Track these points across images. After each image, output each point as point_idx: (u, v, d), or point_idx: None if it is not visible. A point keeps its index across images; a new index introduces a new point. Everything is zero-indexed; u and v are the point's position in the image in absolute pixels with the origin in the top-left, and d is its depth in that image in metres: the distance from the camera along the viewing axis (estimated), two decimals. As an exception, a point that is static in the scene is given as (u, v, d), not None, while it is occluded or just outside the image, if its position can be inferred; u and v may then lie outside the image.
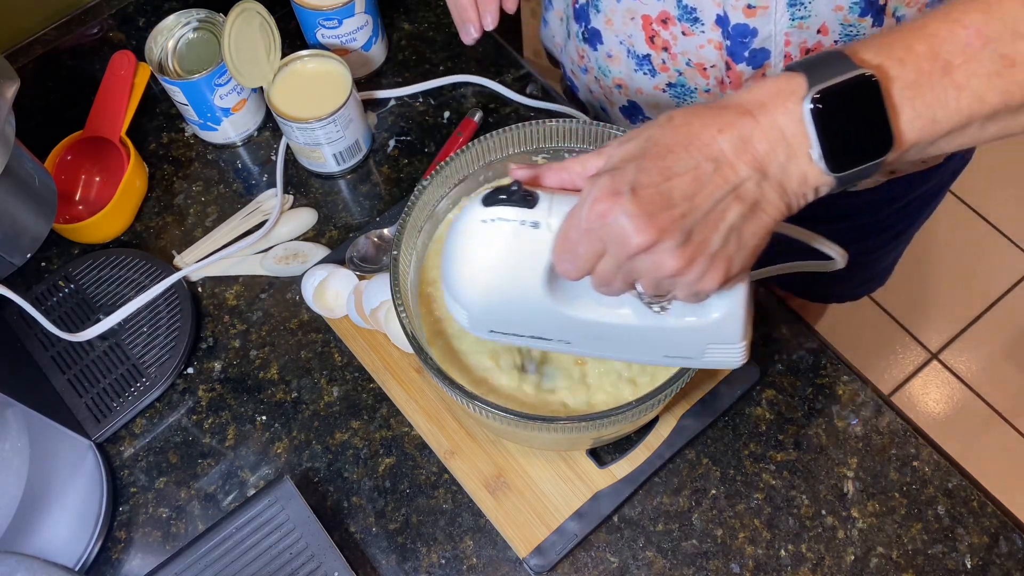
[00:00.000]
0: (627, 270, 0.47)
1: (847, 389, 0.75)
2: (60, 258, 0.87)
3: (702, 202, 0.44)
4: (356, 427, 0.76)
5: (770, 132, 0.44)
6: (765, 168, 0.45)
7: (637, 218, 0.44)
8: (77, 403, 0.77)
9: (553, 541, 0.69)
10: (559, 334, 0.55)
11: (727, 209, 0.45)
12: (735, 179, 0.44)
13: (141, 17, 0.93)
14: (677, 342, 0.54)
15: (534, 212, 0.49)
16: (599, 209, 0.45)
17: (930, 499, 0.71)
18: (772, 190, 0.45)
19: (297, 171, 0.90)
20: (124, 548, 0.73)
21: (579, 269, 0.48)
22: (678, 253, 0.44)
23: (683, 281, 0.46)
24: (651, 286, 0.47)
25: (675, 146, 0.45)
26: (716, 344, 0.54)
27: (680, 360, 0.56)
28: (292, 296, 0.83)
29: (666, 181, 0.44)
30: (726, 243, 0.45)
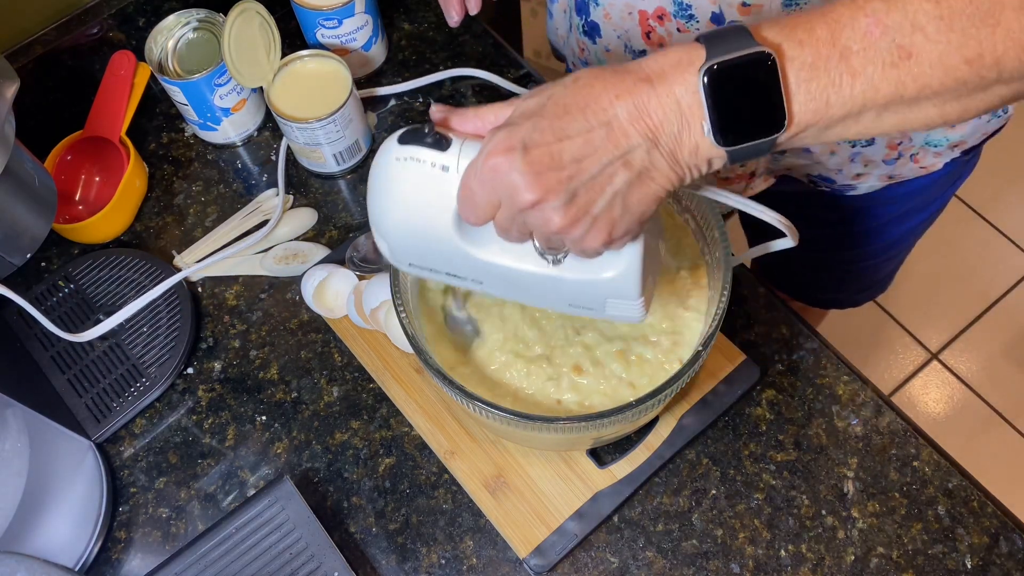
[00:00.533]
0: (520, 222, 0.48)
1: (847, 389, 0.75)
2: (60, 258, 0.87)
3: (589, 166, 0.45)
4: (356, 427, 0.76)
5: (666, 101, 0.45)
6: (657, 137, 0.45)
7: (525, 175, 0.45)
8: (77, 403, 0.77)
9: (553, 541, 0.69)
10: (471, 274, 0.56)
11: (614, 174, 0.46)
12: (625, 145, 0.45)
13: (141, 17, 0.93)
14: (577, 293, 0.56)
15: (445, 156, 0.50)
16: (492, 163, 0.46)
17: (930, 499, 0.71)
18: (663, 159, 0.46)
19: (297, 171, 0.90)
20: (124, 548, 0.73)
21: (479, 217, 0.49)
22: (562, 212, 0.46)
23: (568, 238, 0.48)
24: (542, 240, 0.50)
25: (572, 107, 0.46)
26: (614, 299, 0.55)
27: (583, 310, 0.58)
28: (292, 296, 0.83)
29: (557, 142, 0.45)
30: (610, 207, 0.47)
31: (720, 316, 0.60)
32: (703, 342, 0.60)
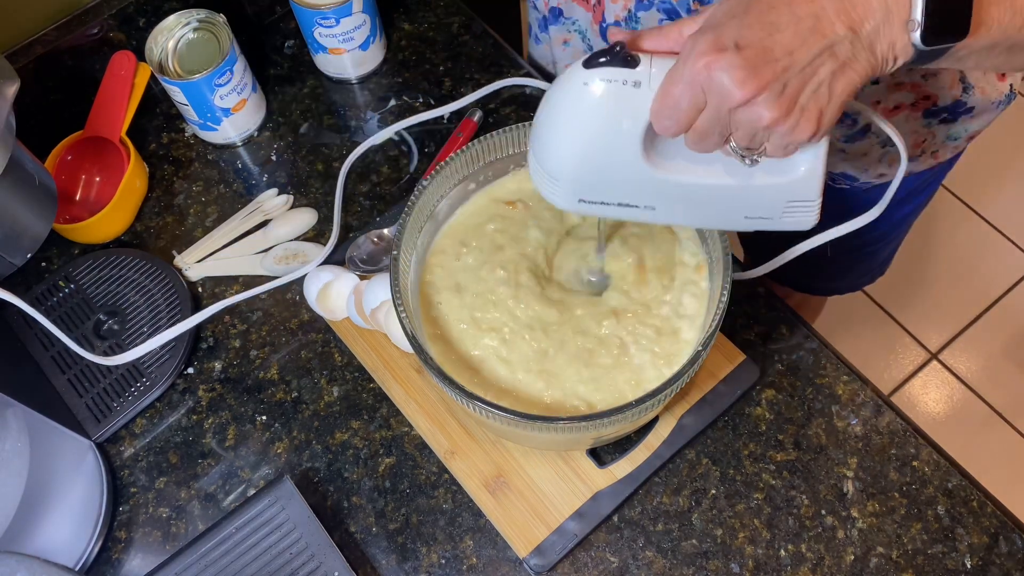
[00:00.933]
0: (725, 123, 0.49)
1: (847, 389, 0.75)
2: (60, 258, 0.87)
3: (800, 57, 0.46)
4: (356, 427, 0.76)
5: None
6: (859, 29, 0.47)
7: (741, 70, 0.46)
8: (77, 403, 0.77)
9: (553, 541, 0.69)
10: (647, 199, 0.56)
11: (821, 65, 0.47)
12: (832, 36, 0.46)
13: (141, 17, 0.93)
14: (760, 201, 0.56)
15: (636, 72, 0.50)
16: (704, 62, 0.46)
17: (930, 499, 0.71)
18: (863, 50, 0.48)
19: (297, 171, 0.90)
20: (124, 548, 0.73)
21: (679, 124, 0.49)
22: (775, 104, 0.47)
23: (779, 131, 0.48)
24: (746, 138, 0.50)
25: (777, 3, 0.47)
26: (795, 201, 0.56)
27: (759, 221, 0.58)
28: (292, 296, 0.83)
29: (768, 36, 0.46)
30: (817, 96, 0.48)
31: (720, 316, 0.60)
32: (703, 342, 0.60)
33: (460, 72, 0.95)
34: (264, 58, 0.98)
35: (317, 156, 0.91)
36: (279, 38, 1.00)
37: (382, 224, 0.84)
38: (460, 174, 0.68)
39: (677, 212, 0.58)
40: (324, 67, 0.96)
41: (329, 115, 0.94)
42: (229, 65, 0.85)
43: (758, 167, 0.53)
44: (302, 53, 0.98)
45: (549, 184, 0.56)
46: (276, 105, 0.95)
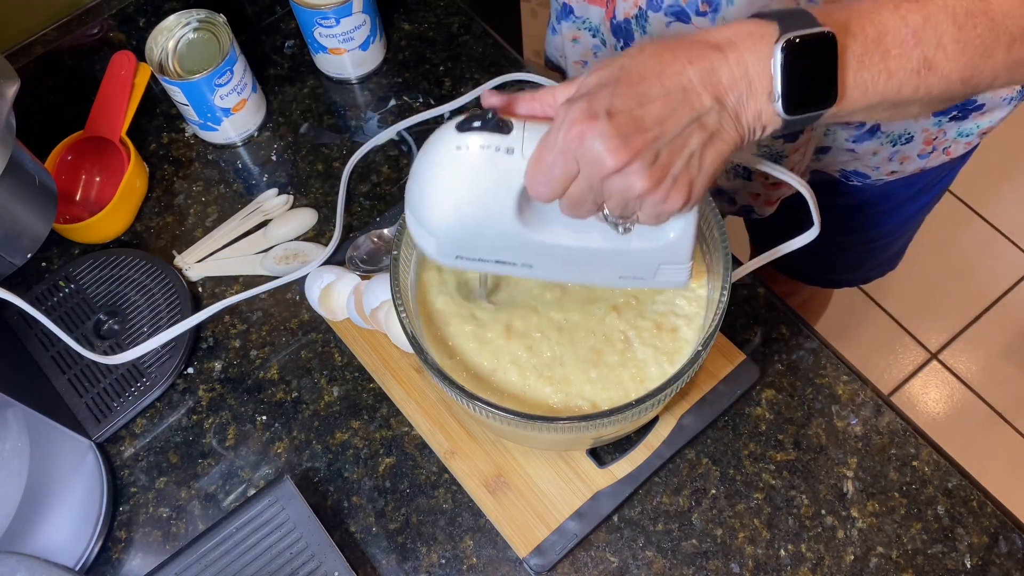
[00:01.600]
0: (598, 191, 0.49)
1: (847, 389, 0.75)
2: (60, 258, 0.87)
3: (671, 127, 0.47)
4: (356, 427, 0.76)
5: (736, 67, 0.48)
6: (724, 100, 0.48)
7: (613, 139, 0.46)
8: (77, 403, 0.77)
9: (553, 541, 0.69)
10: (523, 258, 0.57)
11: (691, 135, 0.48)
12: (700, 108, 0.47)
13: (141, 17, 0.93)
14: (633, 263, 0.57)
15: (508, 138, 0.51)
16: (576, 131, 0.47)
17: (930, 499, 0.71)
18: (729, 121, 0.49)
19: (297, 171, 0.90)
20: (124, 548, 0.73)
21: (552, 191, 0.50)
22: (647, 174, 0.47)
23: (650, 200, 0.49)
24: (619, 207, 0.50)
25: (648, 74, 0.47)
26: (668, 264, 0.57)
27: (632, 280, 0.59)
28: (292, 296, 0.83)
29: (639, 107, 0.47)
30: (688, 167, 0.48)
31: (720, 316, 0.60)
32: (703, 342, 0.60)
33: (460, 72, 0.95)
34: (264, 58, 0.98)
35: (317, 156, 0.91)
36: (279, 38, 1.00)
37: (382, 224, 0.84)
38: (460, 174, 0.68)
39: (554, 270, 0.58)
40: (324, 67, 0.96)
41: (329, 115, 0.94)
42: (229, 65, 0.85)
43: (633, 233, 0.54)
44: (302, 53, 0.98)
45: (426, 238, 0.56)
46: (276, 105, 0.95)
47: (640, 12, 0.78)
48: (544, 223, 0.54)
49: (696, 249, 0.57)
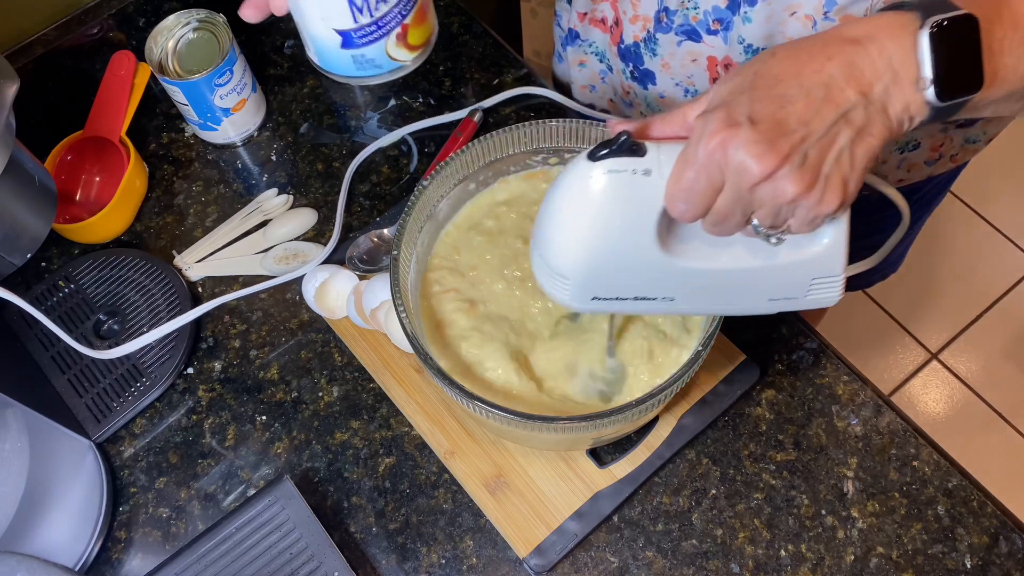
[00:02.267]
0: (747, 201, 0.47)
1: (847, 389, 0.75)
2: (60, 258, 0.87)
3: (817, 126, 0.46)
4: (356, 427, 0.76)
5: (878, 59, 0.46)
6: (869, 93, 0.47)
7: (758, 144, 0.45)
8: (77, 403, 0.77)
9: (553, 541, 0.69)
10: (665, 291, 0.54)
11: (838, 132, 0.46)
12: (845, 104, 0.46)
13: (141, 17, 0.93)
14: (784, 280, 0.55)
15: (644, 160, 0.49)
16: (718, 140, 0.45)
17: (930, 499, 0.71)
18: (877, 113, 0.47)
19: (297, 171, 0.90)
20: (124, 548, 0.73)
21: (696, 207, 0.48)
22: (798, 177, 0.46)
23: (804, 204, 0.47)
24: (770, 216, 0.48)
25: (784, 75, 0.46)
26: (820, 278, 0.54)
27: (783, 303, 0.56)
28: (292, 296, 0.83)
29: (781, 109, 0.45)
30: (839, 164, 0.47)
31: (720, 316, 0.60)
32: (703, 342, 0.60)
33: (460, 72, 0.95)
34: (264, 58, 0.98)
35: (317, 156, 0.91)
36: (279, 38, 1.00)
37: (382, 224, 0.84)
38: (460, 174, 0.68)
39: (698, 301, 0.56)
40: (324, 67, 0.95)
41: (329, 115, 0.94)
42: (229, 65, 0.85)
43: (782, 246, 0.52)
44: (302, 53, 0.98)
45: (558, 283, 0.53)
46: (276, 105, 0.95)
47: (648, 35, 0.77)
48: (687, 248, 0.52)
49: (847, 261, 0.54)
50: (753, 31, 0.70)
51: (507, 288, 0.68)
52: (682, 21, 0.74)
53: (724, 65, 0.74)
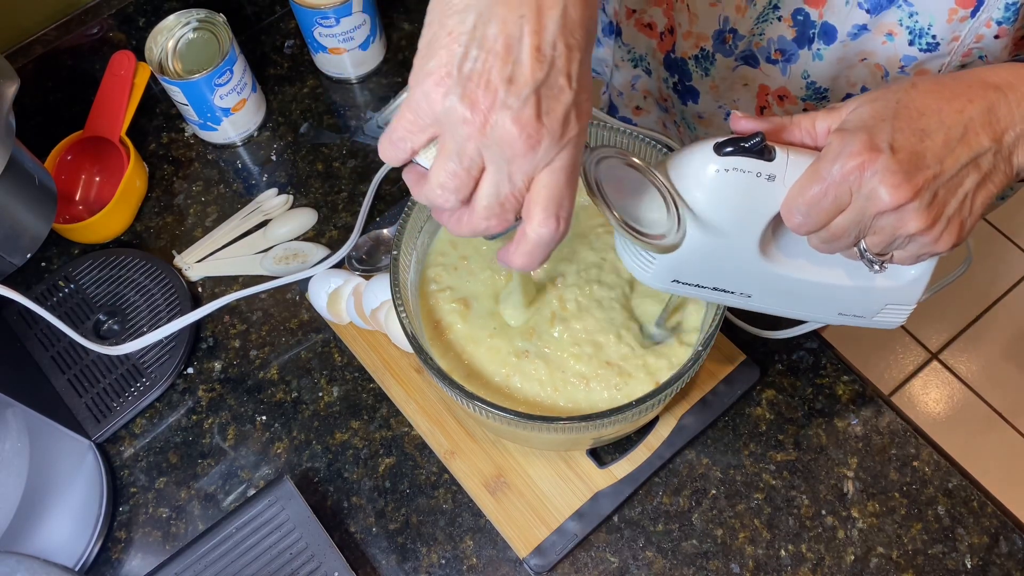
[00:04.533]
0: (866, 226, 0.48)
1: (847, 389, 0.75)
2: (60, 258, 0.87)
3: (949, 166, 0.46)
4: (356, 427, 0.76)
5: (1017, 107, 0.47)
6: (1001, 139, 0.47)
7: (896, 174, 0.45)
8: (77, 403, 0.77)
9: (553, 541, 0.69)
10: (747, 287, 0.55)
11: (967, 175, 0.47)
12: (979, 148, 0.46)
13: (141, 17, 0.93)
14: (861, 301, 0.55)
15: (772, 165, 0.48)
16: (856, 163, 0.45)
17: (930, 499, 0.71)
18: (1002, 161, 0.48)
19: (297, 171, 0.90)
20: (124, 548, 0.73)
21: (814, 222, 0.48)
22: (924, 213, 0.46)
23: (920, 240, 0.48)
24: (882, 244, 0.48)
25: (927, 110, 0.46)
26: (894, 304, 0.55)
27: (851, 318, 0.57)
28: (292, 296, 0.83)
29: (920, 142, 0.46)
30: (961, 207, 0.47)
31: (720, 316, 0.60)
32: (703, 342, 0.60)
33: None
34: (264, 58, 0.98)
35: (317, 156, 0.91)
36: (279, 38, 1.00)
37: (382, 224, 0.84)
38: (460, 174, 0.68)
39: (772, 301, 0.56)
40: (324, 67, 0.96)
41: (329, 115, 0.94)
42: (229, 65, 0.85)
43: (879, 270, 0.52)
44: (302, 53, 0.98)
45: (642, 259, 0.53)
46: (276, 105, 0.95)
47: (703, 53, 0.76)
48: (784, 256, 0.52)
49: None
50: (822, 69, 0.69)
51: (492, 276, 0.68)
52: (745, 47, 0.73)
53: (778, 96, 0.73)
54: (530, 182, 0.41)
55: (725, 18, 0.73)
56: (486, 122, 0.38)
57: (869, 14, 0.65)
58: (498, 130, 0.39)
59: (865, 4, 0.65)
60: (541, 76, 0.38)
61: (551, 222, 0.42)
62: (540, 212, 0.41)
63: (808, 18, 0.68)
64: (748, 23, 0.71)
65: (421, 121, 0.41)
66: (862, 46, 0.67)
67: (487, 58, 0.38)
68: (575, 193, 0.43)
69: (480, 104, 0.38)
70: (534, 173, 0.41)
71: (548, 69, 0.38)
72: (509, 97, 0.38)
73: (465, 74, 0.38)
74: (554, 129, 0.39)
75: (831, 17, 0.67)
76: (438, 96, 0.39)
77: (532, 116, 0.38)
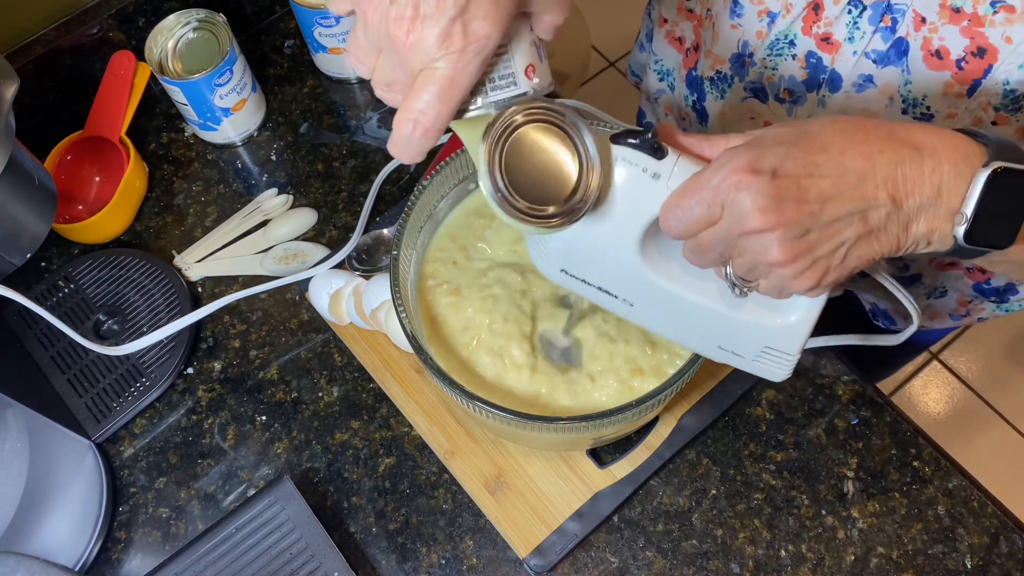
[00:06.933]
0: (731, 245, 0.47)
1: (847, 389, 0.75)
2: (60, 258, 0.87)
3: (832, 210, 0.44)
4: (356, 427, 0.76)
5: (928, 176, 0.45)
6: (902, 202, 0.45)
7: (766, 198, 0.44)
8: (77, 403, 0.77)
9: (553, 541, 0.69)
10: (628, 293, 0.54)
11: (848, 226, 0.45)
12: (870, 201, 0.45)
13: (141, 17, 0.93)
14: (738, 335, 0.54)
15: (659, 164, 0.48)
16: (734, 179, 0.44)
17: (930, 499, 0.71)
18: (896, 224, 0.46)
19: (296, 171, 0.90)
20: (124, 548, 0.73)
21: (685, 230, 0.48)
22: (788, 246, 0.45)
23: (779, 273, 0.46)
24: (745, 267, 0.48)
25: (830, 147, 0.45)
26: (773, 349, 0.54)
27: (730, 356, 0.56)
28: (292, 296, 0.83)
29: (808, 176, 0.44)
30: (832, 255, 0.46)
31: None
32: (703, 342, 0.60)
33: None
34: (264, 58, 0.98)
35: (317, 156, 0.91)
36: (279, 38, 1.00)
37: (382, 224, 0.84)
38: (460, 174, 0.68)
39: (653, 316, 0.56)
40: (324, 67, 0.96)
41: (329, 115, 0.94)
42: (229, 65, 0.85)
43: (749, 300, 0.52)
44: (302, 53, 0.98)
45: (537, 243, 0.54)
46: (276, 105, 0.95)
47: (720, 75, 0.76)
48: (662, 263, 0.52)
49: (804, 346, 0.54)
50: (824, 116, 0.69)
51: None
52: (756, 77, 0.72)
53: None
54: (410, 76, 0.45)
55: (744, 42, 0.72)
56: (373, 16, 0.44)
57: (876, 64, 0.64)
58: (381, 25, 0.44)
59: (872, 55, 0.64)
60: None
61: (408, 125, 0.45)
62: (405, 111, 0.45)
63: (820, 62, 0.67)
64: (764, 50, 0.71)
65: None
66: (866, 102, 0.66)
67: None
68: (446, 109, 0.45)
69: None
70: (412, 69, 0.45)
71: None
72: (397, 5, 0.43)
73: None
74: (428, 36, 0.43)
75: (840, 65, 0.66)
76: None
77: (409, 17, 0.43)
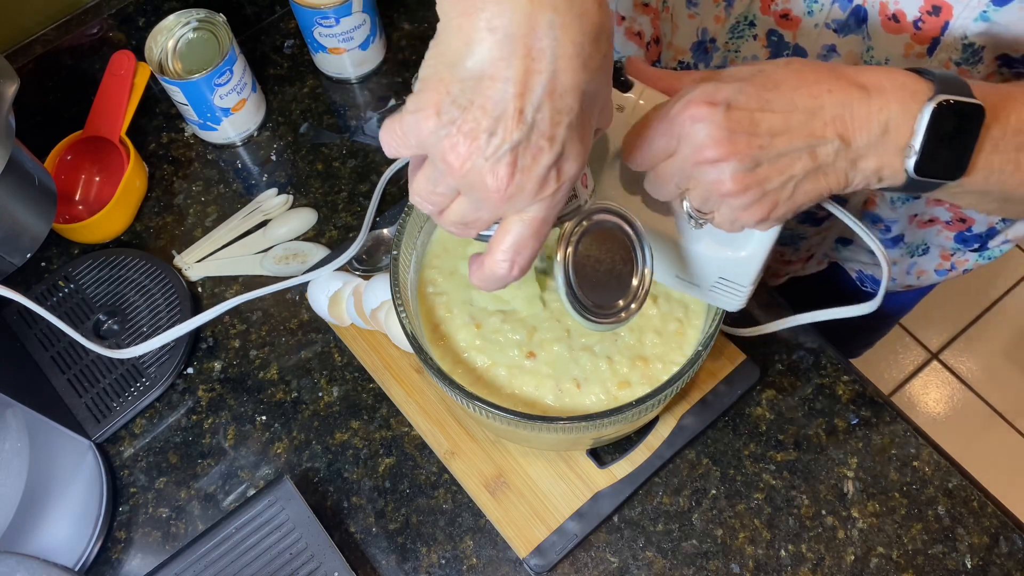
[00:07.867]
0: (686, 176, 0.48)
1: (847, 389, 0.75)
2: (60, 258, 0.87)
3: (780, 144, 0.46)
4: (356, 427, 0.76)
5: (876, 114, 0.46)
6: (850, 140, 0.46)
7: (719, 129, 0.45)
8: (77, 403, 0.77)
9: (553, 541, 0.69)
10: None
11: (797, 160, 0.46)
12: (819, 139, 0.46)
13: (141, 17, 0.93)
14: (695, 266, 0.56)
15: (625, 96, 0.49)
16: (690, 112, 0.46)
17: (930, 499, 0.71)
18: (844, 161, 0.47)
19: (296, 171, 0.90)
20: (124, 548, 0.73)
21: (644, 160, 0.49)
22: (739, 177, 0.46)
23: (730, 203, 0.48)
24: (699, 199, 0.49)
25: (782, 84, 0.46)
26: (727, 280, 0.56)
27: (687, 286, 0.58)
28: (292, 296, 0.83)
29: (760, 111, 0.46)
30: (781, 189, 0.47)
31: (720, 316, 0.60)
32: (703, 342, 0.60)
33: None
34: (264, 58, 0.98)
35: (317, 156, 0.91)
36: (279, 38, 1.00)
37: (382, 224, 0.84)
38: (460, 174, 0.68)
39: None
40: (324, 67, 0.96)
41: (329, 115, 0.94)
42: (229, 65, 0.85)
43: (705, 234, 0.54)
44: (302, 53, 0.98)
45: None
46: (276, 105, 0.95)
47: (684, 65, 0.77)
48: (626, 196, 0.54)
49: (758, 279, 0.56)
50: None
51: None
52: (720, 61, 0.73)
53: None
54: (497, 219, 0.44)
55: (703, 29, 0.73)
56: (463, 167, 0.41)
57: (837, 33, 0.65)
58: (472, 176, 0.41)
59: (832, 24, 0.64)
60: (519, 137, 0.40)
61: (505, 265, 0.44)
62: (499, 252, 0.44)
63: (782, 39, 0.68)
64: (725, 34, 0.72)
65: (408, 140, 0.42)
66: None
67: (473, 109, 0.40)
68: (539, 245, 0.45)
69: (459, 149, 0.40)
70: (503, 216, 0.44)
71: (528, 131, 0.40)
72: (488, 149, 0.40)
73: (451, 118, 0.40)
74: (527, 186, 0.41)
75: (803, 40, 0.67)
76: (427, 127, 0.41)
77: (506, 172, 0.40)
